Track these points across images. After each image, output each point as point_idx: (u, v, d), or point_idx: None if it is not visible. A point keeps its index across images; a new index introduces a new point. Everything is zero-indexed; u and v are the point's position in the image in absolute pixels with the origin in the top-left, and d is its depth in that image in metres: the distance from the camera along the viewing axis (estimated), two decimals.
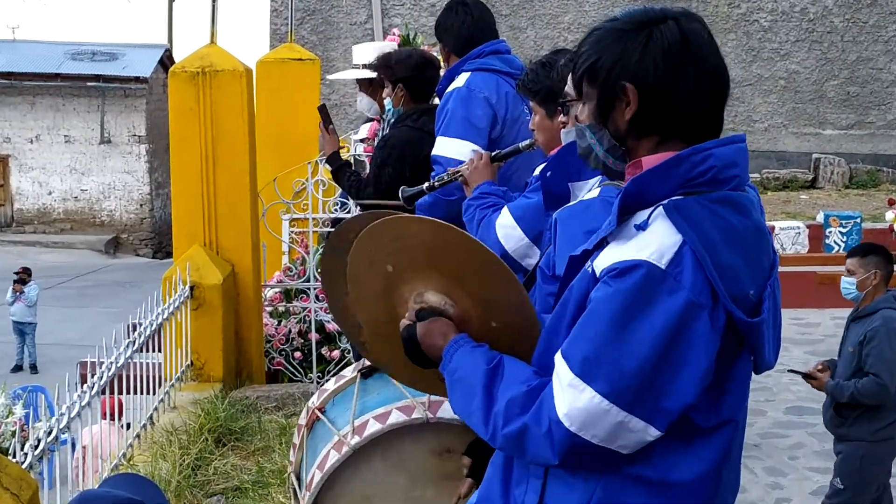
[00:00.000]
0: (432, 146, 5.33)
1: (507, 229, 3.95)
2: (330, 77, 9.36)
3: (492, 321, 2.47)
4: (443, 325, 2.49)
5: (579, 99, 2.37)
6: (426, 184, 4.54)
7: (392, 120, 6.11)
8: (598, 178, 3.13)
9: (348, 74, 7.80)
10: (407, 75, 5.67)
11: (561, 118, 3.51)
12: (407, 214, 2.62)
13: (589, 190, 3.19)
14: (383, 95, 6.03)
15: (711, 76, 2.25)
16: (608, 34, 2.29)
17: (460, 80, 5.03)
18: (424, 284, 2.52)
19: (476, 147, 4.73)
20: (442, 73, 5.61)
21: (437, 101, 6.29)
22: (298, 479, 3.49)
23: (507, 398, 2.24)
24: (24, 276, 18.51)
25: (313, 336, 7.50)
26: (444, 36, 5.22)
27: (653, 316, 2.10)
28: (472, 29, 5.19)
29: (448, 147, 4.91)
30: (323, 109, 6.09)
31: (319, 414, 3.45)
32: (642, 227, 2.16)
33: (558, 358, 2.17)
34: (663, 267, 2.10)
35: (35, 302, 18.28)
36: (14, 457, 3.93)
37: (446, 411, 3.20)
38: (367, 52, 7.51)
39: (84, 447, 5.07)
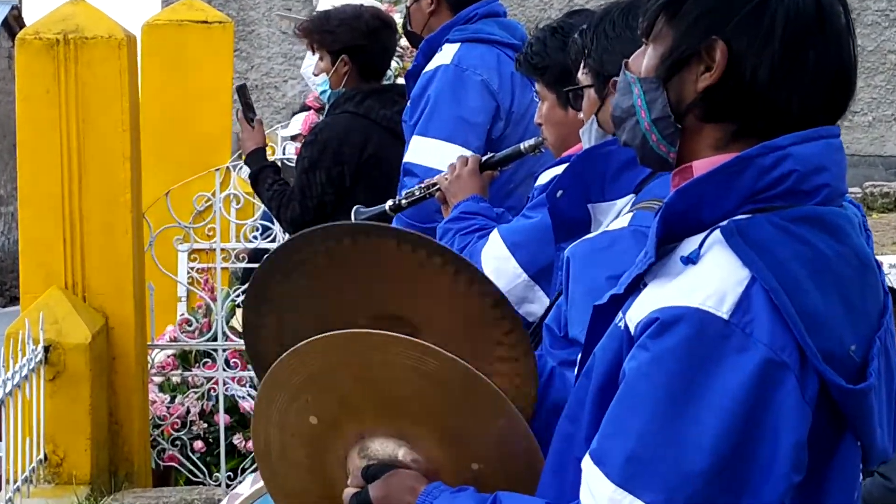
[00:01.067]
0: (383, 141, 5.67)
1: (498, 261, 4.00)
2: (279, 14, 9.22)
3: (472, 462, 2.44)
4: (407, 478, 2.43)
5: (645, 39, 2.32)
6: (389, 202, 4.54)
7: (328, 105, 6.18)
8: (630, 197, 3.14)
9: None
10: (356, 43, 5.76)
11: (580, 115, 3.50)
12: (323, 335, 2.50)
13: (618, 215, 3.18)
14: (314, 72, 6.15)
15: (836, 73, 2.23)
16: None
17: (445, 55, 5.04)
18: (367, 431, 2.49)
19: (464, 150, 4.67)
20: (402, 41, 5.89)
21: (400, 80, 6.46)
22: None
23: None
24: None
25: (221, 418, 7.46)
26: None
27: (716, 389, 2.05)
28: None
29: (428, 152, 4.91)
30: (242, 91, 6.15)
31: None
32: (692, 259, 2.12)
33: (588, 464, 2.12)
34: (725, 316, 2.05)
35: None
36: None
37: None
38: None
39: None
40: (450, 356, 2.41)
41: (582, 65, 3.39)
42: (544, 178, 3.87)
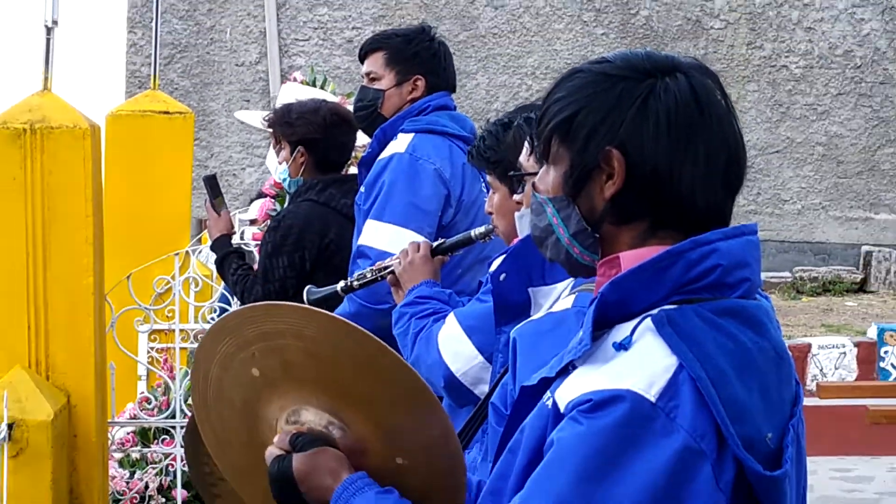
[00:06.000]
0: (342, 228, 5.70)
1: (455, 344, 4.02)
2: (238, 116, 9.00)
3: (397, 456, 2.45)
4: (331, 459, 2.45)
5: (545, 160, 2.36)
6: (341, 283, 4.60)
7: (290, 193, 6.26)
8: (571, 280, 3.16)
9: (253, 117, 7.73)
10: (312, 136, 5.91)
11: (516, 197, 3.59)
12: (285, 302, 2.58)
13: (558, 298, 3.22)
14: (279, 160, 6.19)
15: (727, 154, 2.28)
16: (595, 80, 2.30)
17: (400, 144, 5.18)
18: (304, 399, 2.49)
19: (417, 236, 4.79)
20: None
21: (353, 169, 6.43)
22: None
23: None
24: None
25: (179, 493, 7.37)
26: (414, 65, 5.30)
27: (638, 466, 2.07)
28: (450, 68, 5.40)
29: (381, 236, 5.00)
30: (211, 181, 6.29)
31: None
32: (625, 345, 2.16)
33: None
34: (653, 399, 2.09)
35: None
36: None
37: None
38: (293, 93, 7.91)
39: None
40: (405, 363, 2.45)
41: (528, 151, 3.39)
42: (495, 264, 3.85)
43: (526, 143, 3.45)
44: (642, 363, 2.13)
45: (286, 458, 2.45)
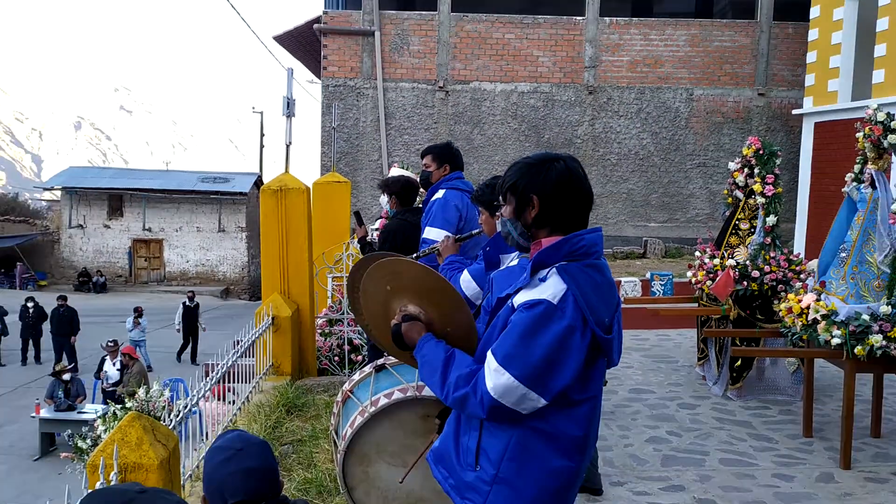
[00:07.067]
0: (413, 231, 5.18)
1: (466, 283, 3.80)
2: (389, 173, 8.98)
3: (447, 328, 2.37)
4: (418, 326, 2.36)
5: (504, 201, 2.28)
6: (413, 255, 4.34)
7: (391, 215, 5.92)
8: (517, 252, 3.04)
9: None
10: (396, 191, 5.53)
11: (498, 215, 3.38)
12: (406, 258, 2.48)
13: (511, 260, 3.13)
14: (386, 202, 5.85)
15: (584, 196, 2.22)
16: (524, 166, 2.23)
17: (440, 194, 4.87)
18: (409, 300, 2.40)
19: (448, 233, 4.51)
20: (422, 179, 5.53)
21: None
22: (337, 433, 3.38)
23: (456, 375, 2.17)
24: (140, 312, 17.89)
25: (346, 347, 7.34)
26: (445, 159, 4.92)
27: (548, 332, 2.04)
28: (461, 161, 5.14)
29: (433, 234, 4.72)
30: (357, 214, 5.93)
31: (350, 394, 3.32)
32: (543, 279, 2.12)
33: (489, 354, 2.12)
34: (555, 303, 2.05)
35: (145, 328, 17.68)
36: (164, 421, 3.86)
37: (428, 391, 3.04)
38: (395, 172, 7.43)
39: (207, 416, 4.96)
40: (452, 286, 2.35)
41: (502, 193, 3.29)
42: (486, 243, 3.71)
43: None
44: (551, 287, 2.08)
45: (399, 324, 2.37)
